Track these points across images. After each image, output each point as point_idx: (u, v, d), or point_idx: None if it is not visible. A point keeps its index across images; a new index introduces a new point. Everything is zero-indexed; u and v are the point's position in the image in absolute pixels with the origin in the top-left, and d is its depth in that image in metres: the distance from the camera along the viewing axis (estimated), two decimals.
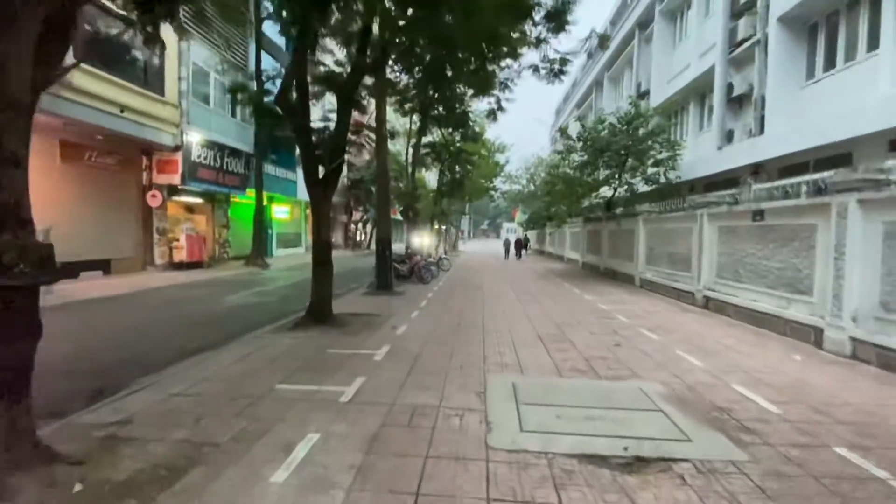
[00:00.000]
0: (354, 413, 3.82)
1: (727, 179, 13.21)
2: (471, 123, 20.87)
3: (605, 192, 17.77)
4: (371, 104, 13.21)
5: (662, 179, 15.53)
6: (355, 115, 11.14)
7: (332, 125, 8.97)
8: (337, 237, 36.30)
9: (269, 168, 21.76)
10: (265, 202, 22.86)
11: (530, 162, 34.13)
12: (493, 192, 36.06)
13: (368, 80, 10.60)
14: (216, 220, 19.42)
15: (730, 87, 13.72)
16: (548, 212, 20.76)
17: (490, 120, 14.02)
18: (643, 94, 19.66)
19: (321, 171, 7.40)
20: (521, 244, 29.53)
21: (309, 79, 7.58)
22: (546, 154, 35.53)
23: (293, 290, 12.09)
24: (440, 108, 20.62)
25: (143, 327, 7.63)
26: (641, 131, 14.48)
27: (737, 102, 13.85)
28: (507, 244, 29.87)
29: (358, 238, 39.52)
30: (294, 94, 7.34)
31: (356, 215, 35.64)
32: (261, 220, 19.02)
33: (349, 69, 8.76)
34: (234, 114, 18.88)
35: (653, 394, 4.39)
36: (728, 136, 13.83)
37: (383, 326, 7.73)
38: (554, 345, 6.56)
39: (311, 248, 8.77)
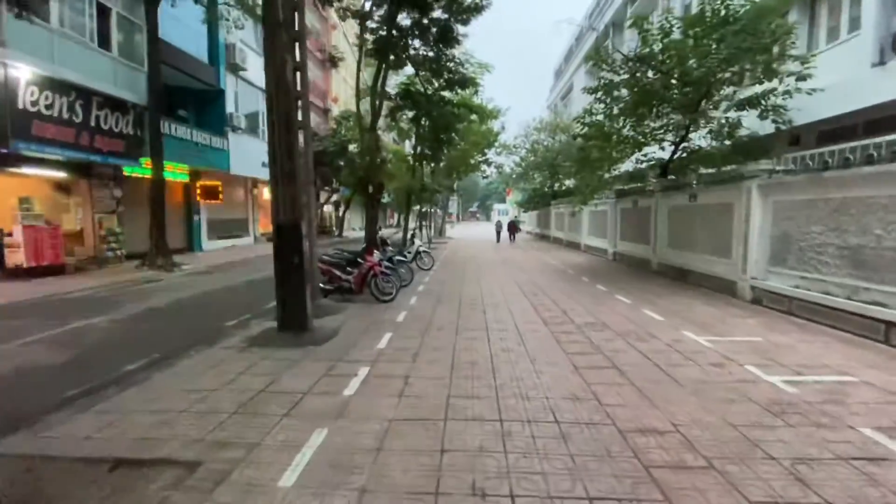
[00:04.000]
0: None
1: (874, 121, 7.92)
2: (456, 60, 15.23)
3: (649, 152, 12.35)
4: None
5: (743, 130, 10.15)
6: None
7: None
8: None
9: (182, 131, 15.83)
10: (166, 176, 17.07)
11: (531, 127, 28.35)
12: (485, 167, 30.36)
13: None
14: (96, 203, 13.55)
15: None
16: (559, 183, 15.42)
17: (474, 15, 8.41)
18: None
19: None
20: (514, 227, 28.44)
21: None
22: (547, 116, 29.84)
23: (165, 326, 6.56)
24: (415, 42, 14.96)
25: None
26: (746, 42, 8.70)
27: None
28: (498, 226, 28.83)
29: (328, 223, 33.84)
30: None
31: (323, 196, 29.81)
32: (159, 203, 13.20)
33: None
34: (105, 44, 12.83)
35: None
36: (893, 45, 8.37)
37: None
38: None
39: (262, 238, 3.07)
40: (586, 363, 4.72)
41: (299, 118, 6.04)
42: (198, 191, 18.24)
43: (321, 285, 8.06)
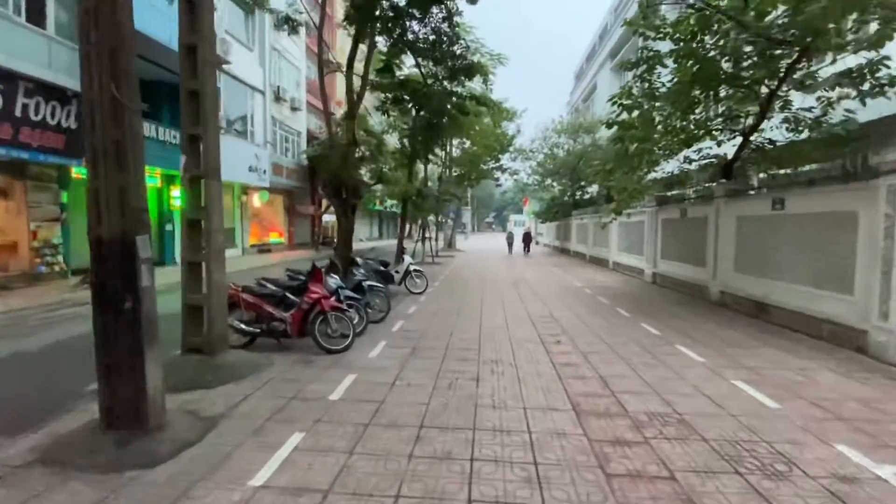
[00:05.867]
0: None
1: None
2: (461, 43, 12.81)
3: (702, 148, 9.63)
4: None
5: (836, 114, 7.39)
6: None
7: None
8: (304, 233, 28.39)
9: (150, 130, 13.73)
10: (159, 182, 14.99)
11: (549, 129, 25.59)
12: (498, 174, 27.75)
13: None
14: (29, 210, 11.44)
15: None
16: (581, 191, 12.66)
17: None
18: None
19: None
20: (529, 238, 26.54)
21: None
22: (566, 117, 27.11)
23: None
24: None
25: None
26: None
27: None
28: (510, 238, 27.44)
29: (329, 234, 31.69)
30: None
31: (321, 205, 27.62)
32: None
33: None
34: (37, 19, 10.78)
35: None
36: None
37: None
38: None
39: (251, 250, 0.46)
40: None
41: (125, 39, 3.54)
42: (171, 197, 16.14)
43: (239, 326, 5.55)
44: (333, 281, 6.33)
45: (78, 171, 12.19)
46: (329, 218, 32.04)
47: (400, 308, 8.32)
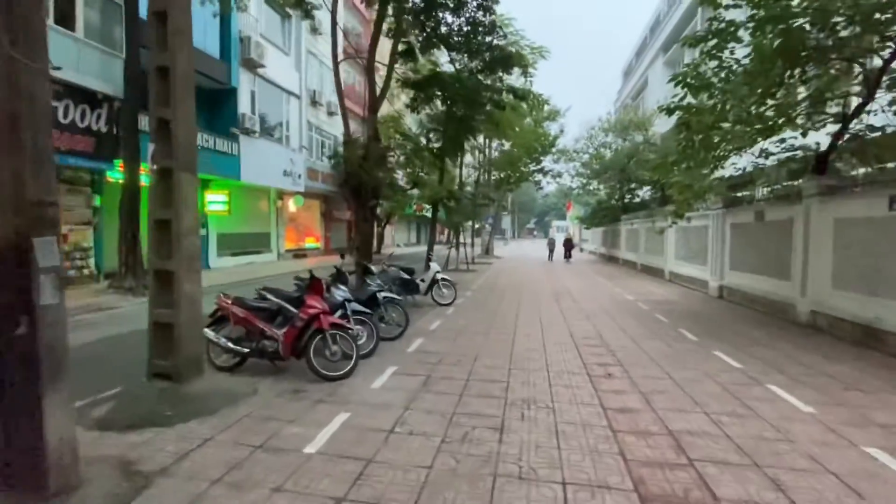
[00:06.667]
0: None
1: None
2: (498, 32, 11.85)
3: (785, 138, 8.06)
4: None
5: None
6: None
7: None
8: (340, 238, 28.18)
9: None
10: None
11: (596, 128, 23.89)
12: (539, 177, 26.31)
13: None
14: (65, 213, 11.46)
15: None
16: (631, 194, 11.17)
17: None
18: None
19: None
20: (571, 244, 25.66)
21: None
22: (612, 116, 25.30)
23: None
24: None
25: None
26: None
27: None
28: (551, 244, 27.26)
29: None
30: None
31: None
32: (131, 213, 10.79)
33: None
34: (68, 22, 10.79)
35: None
36: None
37: None
38: None
39: (287, 254, 0.26)
40: None
41: None
42: (205, 201, 16.10)
43: (226, 344, 4.76)
44: (340, 293, 5.45)
45: (110, 175, 12.18)
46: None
47: (421, 323, 7.34)
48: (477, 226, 31.10)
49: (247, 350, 4.81)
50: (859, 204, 6.27)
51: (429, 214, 29.13)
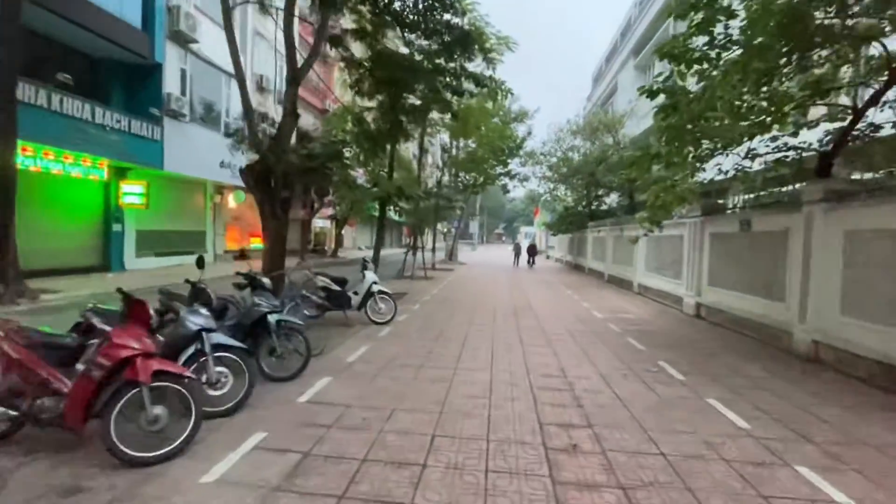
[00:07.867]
0: None
1: None
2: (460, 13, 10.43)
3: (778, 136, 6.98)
4: None
5: None
6: None
7: None
8: (294, 239, 25.99)
9: (76, 108, 11.40)
10: (105, 175, 12.64)
11: (564, 130, 22.85)
12: (505, 181, 25.13)
13: None
14: None
15: None
16: (598, 201, 9.75)
17: None
18: None
19: None
20: (535, 251, 27.20)
21: None
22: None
23: None
24: None
25: None
26: None
27: None
28: (517, 249, 28.06)
29: (322, 240, 29.42)
30: None
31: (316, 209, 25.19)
32: (4, 197, 8.57)
33: None
34: None
35: None
36: None
37: None
38: None
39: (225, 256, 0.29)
40: None
41: None
42: (120, 192, 13.86)
43: None
44: (195, 319, 3.75)
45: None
46: (322, 223, 29.69)
47: (340, 351, 5.70)
48: (445, 230, 29.42)
49: (15, 413, 3.05)
50: (881, 213, 5.11)
51: (395, 218, 27.33)
